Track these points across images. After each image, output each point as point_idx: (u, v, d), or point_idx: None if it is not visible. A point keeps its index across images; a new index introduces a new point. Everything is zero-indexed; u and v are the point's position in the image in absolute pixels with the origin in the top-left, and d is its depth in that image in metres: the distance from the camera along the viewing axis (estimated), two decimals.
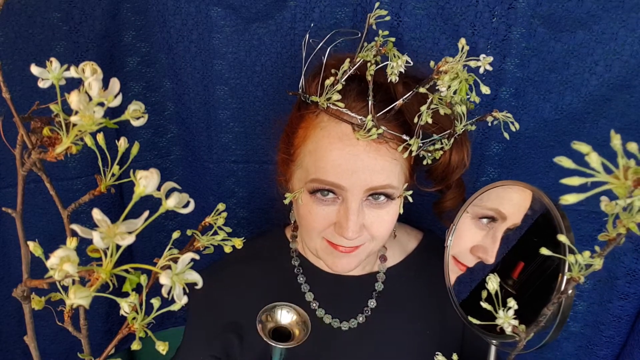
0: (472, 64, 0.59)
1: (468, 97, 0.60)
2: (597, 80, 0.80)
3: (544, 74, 0.81)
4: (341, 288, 0.81)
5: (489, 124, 0.68)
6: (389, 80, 0.63)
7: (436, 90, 0.61)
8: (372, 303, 0.81)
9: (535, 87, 0.83)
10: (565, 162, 0.29)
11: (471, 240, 0.73)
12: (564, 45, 0.79)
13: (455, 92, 0.59)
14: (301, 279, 0.82)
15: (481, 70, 0.59)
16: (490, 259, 0.70)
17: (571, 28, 0.78)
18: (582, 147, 0.29)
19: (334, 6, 0.83)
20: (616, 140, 0.29)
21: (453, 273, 0.75)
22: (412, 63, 0.63)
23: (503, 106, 0.83)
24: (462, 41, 0.59)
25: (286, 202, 0.71)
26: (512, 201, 0.69)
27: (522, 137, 0.86)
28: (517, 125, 0.65)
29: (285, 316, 0.68)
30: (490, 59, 0.59)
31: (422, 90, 0.62)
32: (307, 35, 0.74)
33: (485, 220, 0.72)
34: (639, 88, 0.79)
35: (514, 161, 0.89)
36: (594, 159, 0.29)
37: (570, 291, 0.46)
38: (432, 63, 0.61)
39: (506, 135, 0.65)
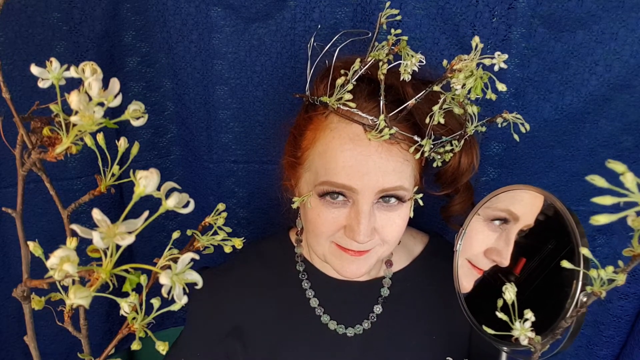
0: (487, 61, 0.57)
1: (484, 94, 0.58)
2: (597, 80, 0.80)
3: (544, 74, 0.81)
4: (346, 294, 0.80)
5: (499, 126, 0.67)
6: (401, 79, 0.61)
7: (449, 89, 0.59)
8: (377, 309, 0.79)
9: (535, 87, 0.82)
10: (598, 181, 0.28)
11: (484, 243, 0.71)
12: (564, 45, 0.79)
13: (470, 91, 0.58)
14: (306, 284, 0.81)
15: (496, 68, 0.57)
16: (505, 261, 0.68)
17: (571, 28, 0.78)
18: (617, 166, 0.28)
19: (334, 6, 0.83)
20: None
21: (471, 277, 0.73)
22: (424, 62, 0.61)
23: (503, 106, 0.83)
24: (476, 39, 0.57)
25: (294, 206, 0.70)
26: (523, 201, 0.67)
27: (522, 137, 0.86)
28: (528, 127, 0.63)
29: None
30: (505, 56, 0.57)
31: (435, 88, 0.61)
32: (312, 39, 0.73)
33: (497, 222, 0.70)
34: (639, 88, 0.79)
35: (514, 161, 0.89)
36: (630, 179, 0.28)
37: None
38: (444, 62, 0.60)
39: (516, 137, 0.64)
